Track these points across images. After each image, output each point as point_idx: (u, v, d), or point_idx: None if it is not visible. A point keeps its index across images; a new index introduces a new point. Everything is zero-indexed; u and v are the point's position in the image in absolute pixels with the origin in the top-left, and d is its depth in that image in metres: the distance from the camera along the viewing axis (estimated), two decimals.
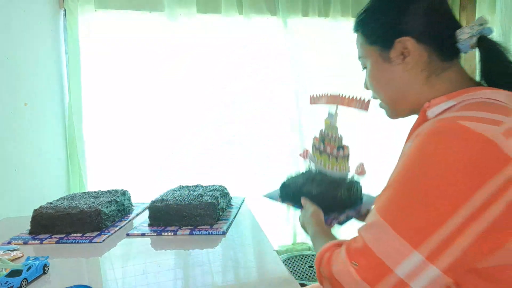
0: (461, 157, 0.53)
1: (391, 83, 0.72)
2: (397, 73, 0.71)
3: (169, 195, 1.06)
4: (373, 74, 0.74)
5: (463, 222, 0.51)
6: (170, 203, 0.99)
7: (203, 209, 0.97)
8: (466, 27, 0.68)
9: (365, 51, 0.75)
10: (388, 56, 0.71)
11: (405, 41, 0.68)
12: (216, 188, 1.15)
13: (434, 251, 0.52)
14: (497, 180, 0.51)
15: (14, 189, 1.48)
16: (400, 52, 0.69)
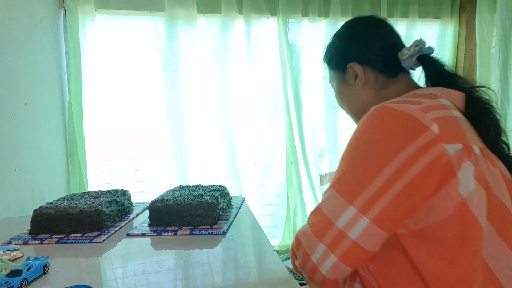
0: (383, 129, 0.66)
1: (351, 99, 0.89)
2: (354, 91, 0.87)
3: (169, 195, 1.06)
4: (338, 94, 0.93)
5: (387, 180, 0.62)
6: (170, 203, 0.99)
7: (203, 209, 0.97)
8: (404, 49, 0.82)
9: (330, 76, 0.94)
10: (345, 78, 0.88)
11: (353, 66, 0.85)
12: (216, 188, 1.15)
13: (365, 205, 0.63)
14: (415, 145, 0.62)
15: (14, 189, 1.48)
16: (353, 75, 0.86)
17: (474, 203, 0.61)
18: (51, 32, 1.91)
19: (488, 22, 2.29)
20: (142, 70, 2.13)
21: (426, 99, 0.69)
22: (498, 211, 0.64)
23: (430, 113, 0.64)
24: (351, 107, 0.90)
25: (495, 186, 0.64)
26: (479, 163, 0.64)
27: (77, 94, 1.99)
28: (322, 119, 2.36)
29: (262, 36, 2.25)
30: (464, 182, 0.61)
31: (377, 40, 0.86)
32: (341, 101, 0.92)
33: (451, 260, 0.62)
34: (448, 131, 0.63)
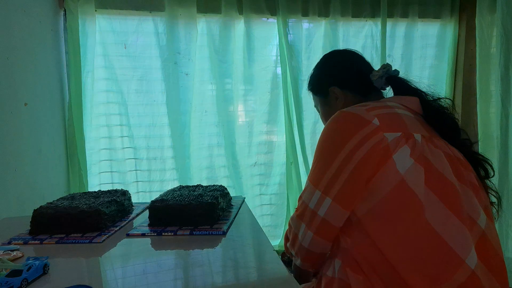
0: (337, 127, 0.82)
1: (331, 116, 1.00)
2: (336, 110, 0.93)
3: (169, 195, 1.06)
4: (323, 115, 1.06)
5: (340, 165, 0.76)
6: (170, 203, 0.99)
7: (203, 209, 0.97)
8: (375, 71, 0.96)
9: (315, 101, 1.09)
10: (328, 101, 1.02)
11: (334, 89, 0.99)
12: (216, 188, 1.15)
13: (326, 187, 0.78)
14: (360, 135, 0.76)
15: (14, 189, 1.48)
16: (334, 97, 0.99)
17: (411, 178, 0.72)
18: (51, 32, 1.91)
19: (488, 22, 2.29)
20: (142, 70, 2.13)
21: (372, 103, 0.84)
22: (440, 182, 0.73)
23: (373, 111, 0.79)
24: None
25: (436, 162, 0.75)
26: (417, 145, 0.75)
27: (77, 94, 1.99)
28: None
29: (262, 36, 2.26)
30: (401, 162, 0.73)
31: (351, 66, 1.01)
32: (325, 120, 1.04)
33: (397, 230, 0.72)
34: (388, 123, 0.77)
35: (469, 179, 0.78)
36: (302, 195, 0.84)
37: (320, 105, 1.06)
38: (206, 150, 2.25)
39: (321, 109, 1.06)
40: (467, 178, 0.77)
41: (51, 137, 1.88)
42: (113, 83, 2.10)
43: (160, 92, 2.14)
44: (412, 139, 0.75)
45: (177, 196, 1.04)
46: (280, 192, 2.35)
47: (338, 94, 0.98)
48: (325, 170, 0.78)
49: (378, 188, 0.73)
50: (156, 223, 0.99)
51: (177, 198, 1.02)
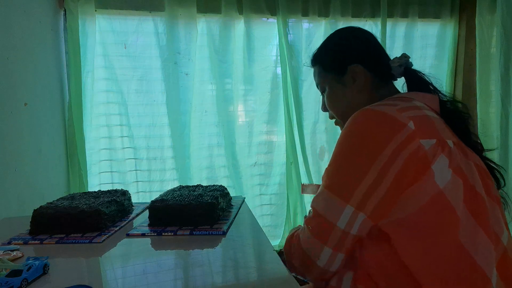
0: (367, 129, 0.71)
1: (345, 102, 0.89)
2: (350, 93, 0.88)
3: (169, 195, 1.06)
4: (331, 96, 0.92)
5: (377, 176, 0.67)
6: (170, 203, 0.99)
7: (203, 209, 0.97)
8: (395, 58, 0.88)
9: (323, 78, 0.93)
10: (343, 80, 0.89)
11: (355, 68, 0.87)
12: (216, 188, 1.15)
13: (360, 202, 0.68)
14: (395, 141, 0.67)
15: (14, 189, 1.48)
16: (352, 77, 0.87)
17: (450, 192, 0.67)
18: (51, 32, 1.91)
19: (488, 22, 2.29)
20: (142, 70, 2.13)
21: (401, 102, 0.76)
22: (472, 197, 0.69)
23: (406, 113, 0.71)
24: (343, 110, 0.90)
25: (469, 174, 0.70)
26: (453, 155, 0.69)
27: (77, 94, 1.99)
28: (322, 119, 2.36)
29: (262, 36, 2.25)
30: (439, 173, 0.67)
31: (376, 46, 0.92)
32: (333, 103, 0.92)
33: (427, 243, 0.67)
34: (422, 127, 0.69)
35: (493, 191, 0.74)
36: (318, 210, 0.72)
37: (329, 84, 0.91)
38: (206, 150, 2.25)
39: (329, 89, 0.92)
40: (492, 191, 0.73)
41: (51, 137, 1.87)
42: (113, 83, 2.10)
43: (160, 92, 2.14)
44: (447, 147, 0.69)
45: (177, 196, 1.04)
46: (280, 192, 2.35)
47: (359, 74, 0.86)
48: (358, 183, 0.68)
49: (413, 199, 0.67)
50: (156, 223, 0.99)
51: (177, 198, 1.02)
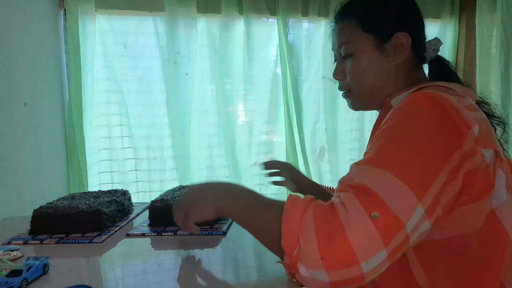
0: (443, 120, 0.57)
1: (377, 74, 0.77)
2: (386, 65, 0.76)
3: (169, 195, 1.06)
4: (361, 62, 0.77)
5: (446, 180, 0.54)
6: (170, 203, 0.99)
7: None
8: (433, 40, 0.79)
9: (356, 37, 0.77)
10: (383, 47, 0.75)
11: (403, 37, 0.74)
12: None
13: (431, 206, 0.52)
14: (465, 146, 0.55)
15: (14, 189, 1.48)
16: (394, 47, 0.75)
17: (504, 215, 0.58)
18: (51, 32, 1.91)
19: (488, 22, 2.29)
20: (142, 70, 2.13)
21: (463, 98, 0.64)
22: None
23: (472, 113, 0.60)
24: (372, 82, 0.77)
25: None
26: (506, 170, 0.60)
27: (77, 94, 1.99)
28: (322, 119, 2.36)
29: (262, 36, 2.25)
30: (497, 192, 0.58)
31: (422, 21, 0.80)
32: (363, 72, 0.77)
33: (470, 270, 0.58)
34: (484, 134, 0.59)
35: None
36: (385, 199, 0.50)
37: (364, 48, 0.76)
38: (206, 150, 2.25)
39: (361, 53, 0.76)
40: None
41: (51, 137, 1.88)
42: (113, 83, 2.10)
43: (160, 92, 2.14)
44: (499, 159, 0.60)
45: (177, 196, 1.04)
46: (280, 192, 2.35)
47: (405, 46, 0.74)
48: (432, 178, 0.53)
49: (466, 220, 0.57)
50: (156, 223, 0.99)
51: (177, 198, 1.02)
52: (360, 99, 0.82)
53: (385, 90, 0.77)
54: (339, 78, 0.82)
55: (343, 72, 0.81)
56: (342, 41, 0.79)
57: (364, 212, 0.49)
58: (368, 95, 0.80)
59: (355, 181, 0.53)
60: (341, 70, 0.81)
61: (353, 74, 0.78)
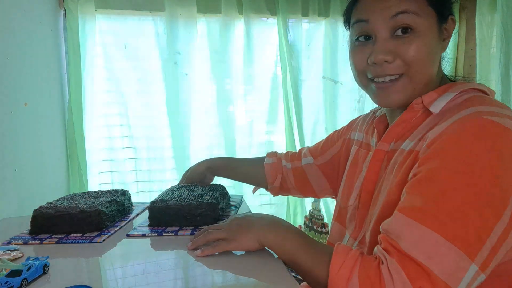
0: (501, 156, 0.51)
1: (436, 59, 0.65)
2: (440, 51, 0.66)
3: (168, 195, 1.06)
4: (427, 40, 0.62)
5: (505, 227, 0.50)
6: (170, 204, 0.99)
7: (204, 209, 0.97)
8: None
9: (422, 10, 0.62)
10: (442, 29, 0.64)
11: (453, 21, 0.65)
12: (216, 188, 1.15)
13: (486, 260, 0.50)
14: None
15: (14, 189, 1.48)
16: (444, 31, 0.65)
17: None
18: (51, 32, 1.91)
19: (488, 22, 2.29)
20: (142, 70, 2.13)
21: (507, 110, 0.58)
22: None
23: None
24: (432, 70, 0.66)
25: None
26: None
27: (77, 94, 1.99)
28: (322, 119, 2.36)
29: (262, 36, 2.26)
30: None
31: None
32: (428, 54, 0.63)
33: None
34: None
35: None
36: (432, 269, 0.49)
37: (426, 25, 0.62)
38: (206, 150, 2.25)
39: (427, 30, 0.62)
40: None
41: (51, 137, 1.88)
42: (113, 83, 2.10)
43: (160, 92, 2.14)
44: None
45: (176, 196, 1.04)
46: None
47: (450, 32, 0.65)
48: (487, 231, 0.49)
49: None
50: (156, 223, 0.99)
51: (176, 198, 1.02)
52: (410, 89, 0.66)
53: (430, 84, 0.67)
54: (388, 60, 0.64)
55: (393, 51, 0.63)
56: (403, 9, 0.61)
57: (411, 286, 0.49)
58: (423, 84, 0.66)
59: (401, 242, 0.52)
60: (391, 48, 0.63)
61: (415, 54, 0.62)
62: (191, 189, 1.14)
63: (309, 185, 1.08)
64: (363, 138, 0.89)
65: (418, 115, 0.68)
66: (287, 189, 1.15)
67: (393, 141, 0.73)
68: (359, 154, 0.88)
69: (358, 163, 0.86)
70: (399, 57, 0.64)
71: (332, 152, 1.02)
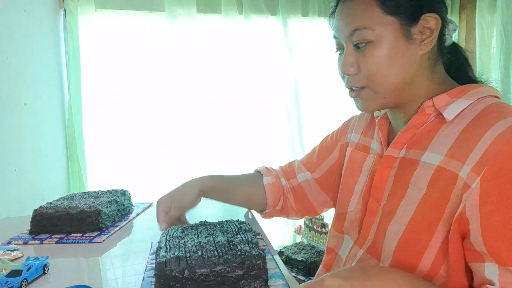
0: None
1: (403, 66, 0.64)
2: (412, 55, 0.64)
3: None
4: (383, 52, 0.63)
5: None
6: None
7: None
8: (451, 25, 0.67)
9: (376, 21, 0.63)
10: (410, 32, 0.62)
11: (432, 19, 0.62)
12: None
13: None
14: None
15: (14, 189, 1.48)
16: (421, 32, 0.63)
17: None
18: (51, 32, 1.91)
19: (488, 22, 2.29)
20: (142, 70, 2.13)
21: None
22: None
23: None
24: (396, 77, 0.64)
25: None
26: None
27: (77, 94, 1.99)
28: (322, 119, 2.36)
29: (262, 36, 2.25)
30: None
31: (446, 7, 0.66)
32: (386, 63, 0.63)
33: None
34: None
35: None
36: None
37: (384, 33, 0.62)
38: (205, 150, 2.24)
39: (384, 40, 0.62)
40: None
41: (51, 137, 1.88)
42: (113, 83, 2.10)
43: (160, 92, 2.14)
44: None
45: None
46: None
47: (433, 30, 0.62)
48: None
49: None
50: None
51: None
52: (378, 99, 0.67)
53: (409, 88, 0.66)
54: (350, 73, 0.67)
55: (356, 64, 0.66)
56: (356, 26, 0.64)
57: None
58: (389, 93, 0.66)
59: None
60: (353, 62, 0.66)
61: (371, 66, 0.64)
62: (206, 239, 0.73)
63: (309, 203, 0.97)
64: (360, 139, 0.85)
65: (430, 119, 0.66)
66: (286, 211, 1.01)
67: (404, 148, 0.69)
68: (355, 156, 0.83)
69: (355, 166, 0.82)
70: (362, 69, 0.66)
71: (330, 162, 0.93)
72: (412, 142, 0.68)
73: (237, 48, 2.21)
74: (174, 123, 2.16)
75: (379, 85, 0.66)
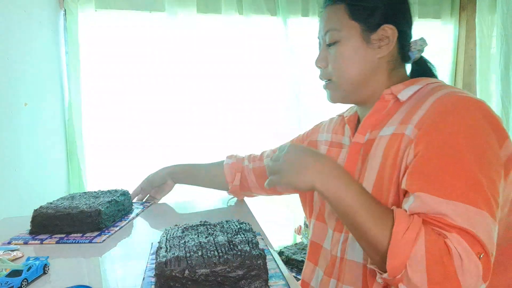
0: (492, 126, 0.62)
1: (361, 64, 0.76)
2: (370, 57, 0.75)
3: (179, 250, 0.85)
4: (345, 51, 0.75)
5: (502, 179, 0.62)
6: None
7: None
8: (419, 40, 0.80)
9: (342, 24, 0.75)
10: (369, 38, 0.75)
11: (389, 30, 0.74)
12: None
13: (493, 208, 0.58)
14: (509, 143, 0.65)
15: (14, 189, 1.48)
16: (379, 40, 0.75)
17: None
18: (51, 32, 1.91)
19: (488, 22, 2.29)
20: (142, 70, 2.13)
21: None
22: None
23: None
24: (354, 74, 0.76)
25: None
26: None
27: (77, 94, 1.99)
28: (322, 119, 2.36)
29: (262, 36, 2.25)
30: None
31: (411, 18, 0.79)
32: (344, 62, 0.76)
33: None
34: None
35: None
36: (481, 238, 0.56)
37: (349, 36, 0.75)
38: (205, 150, 2.24)
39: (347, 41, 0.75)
40: None
41: (51, 137, 1.87)
42: (113, 82, 2.10)
43: (160, 92, 2.14)
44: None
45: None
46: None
47: (390, 38, 0.74)
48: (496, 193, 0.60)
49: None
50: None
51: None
52: (340, 91, 0.80)
53: (367, 84, 0.78)
54: (320, 66, 0.81)
55: (326, 59, 0.79)
56: (328, 28, 0.77)
57: (475, 256, 0.55)
58: (349, 87, 0.78)
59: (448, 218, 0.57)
60: (323, 57, 0.80)
61: (335, 62, 0.77)
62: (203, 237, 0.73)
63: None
64: (332, 138, 0.94)
65: (389, 105, 0.76)
66: (248, 187, 1.13)
67: (368, 132, 0.77)
68: (330, 153, 0.90)
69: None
70: (329, 64, 0.79)
71: None
72: (374, 125, 0.77)
73: (237, 48, 2.21)
74: (174, 123, 2.16)
75: (340, 78, 0.78)
